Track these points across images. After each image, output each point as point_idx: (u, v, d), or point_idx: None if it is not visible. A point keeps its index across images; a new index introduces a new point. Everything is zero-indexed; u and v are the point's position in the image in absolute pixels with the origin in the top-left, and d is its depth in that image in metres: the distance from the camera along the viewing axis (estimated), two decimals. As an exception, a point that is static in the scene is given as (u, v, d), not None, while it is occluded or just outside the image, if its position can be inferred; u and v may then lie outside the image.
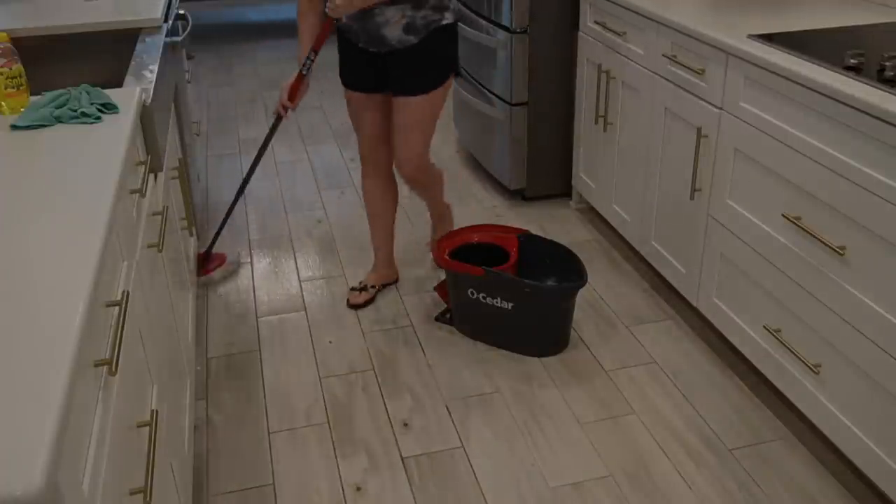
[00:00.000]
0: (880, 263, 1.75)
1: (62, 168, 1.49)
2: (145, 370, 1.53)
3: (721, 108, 2.25)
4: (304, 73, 2.59)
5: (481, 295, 2.51)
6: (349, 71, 2.60)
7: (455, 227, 3.00)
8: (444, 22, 2.43)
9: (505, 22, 3.21)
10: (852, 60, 1.89)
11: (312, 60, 2.57)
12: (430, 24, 2.40)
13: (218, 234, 3.00)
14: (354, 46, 2.52)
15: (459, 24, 3.39)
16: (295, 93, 2.63)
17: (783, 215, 2.03)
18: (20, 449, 0.83)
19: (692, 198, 2.43)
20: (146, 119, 1.90)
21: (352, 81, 2.61)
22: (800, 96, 1.93)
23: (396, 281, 2.93)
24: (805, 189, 1.95)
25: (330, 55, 2.74)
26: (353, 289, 2.84)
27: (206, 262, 2.98)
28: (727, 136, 2.23)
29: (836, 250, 1.85)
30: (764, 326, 2.17)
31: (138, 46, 2.33)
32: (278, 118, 2.69)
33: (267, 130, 2.96)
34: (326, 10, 2.38)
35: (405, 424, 2.28)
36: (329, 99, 4.86)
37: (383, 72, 2.51)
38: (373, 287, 2.83)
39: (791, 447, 2.15)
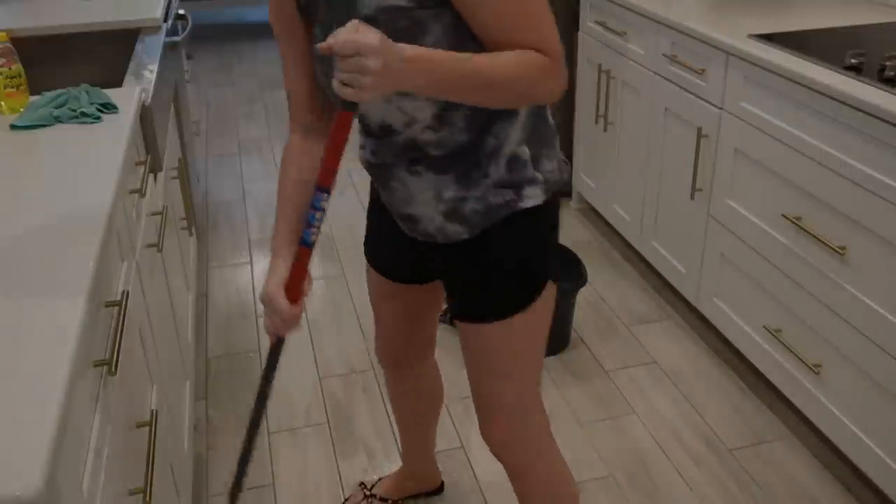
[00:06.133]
0: (880, 263, 1.75)
1: (62, 168, 1.49)
2: (145, 370, 1.53)
3: (721, 108, 2.25)
4: (308, 243, 1.26)
5: (481, 295, 2.51)
6: (374, 241, 1.58)
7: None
8: (525, 204, 1.35)
9: (505, 22, 3.20)
10: (853, 60, 1.89)
11: (322, 211, 1.22)
12: (493, 211, 1.34)
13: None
14: (384, 209, 1.51)
15: (555, 192, 1.53)
16: (298, 288, 1.31)
17: (783, 215, 2.03)
18: (20, 449, 0.83)
19: (692, 198, 2.43)
20: (146, 119, 1.90)
21: (376, 257, 1.59)
22: (800, 96, 1.93)
23: (437, 491, 2.06)
24: (805, 189, 1.95)
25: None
26: (361, 484, 2.05)
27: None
28: (727, 136, 2.23)
29: (836, 250, 1.85)
30: (764, 326, 2.17)
31: (138, 46, 2.32)
32: (278, 342, 1.37)
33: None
34: (335, 89, 1.07)
35: (405, 424, 2.28)
36: (329, 99, 4.85)
37: (427, 263, 1.49)
38: (382, 501, 2.01)
39: (791, 447, 2.15)
